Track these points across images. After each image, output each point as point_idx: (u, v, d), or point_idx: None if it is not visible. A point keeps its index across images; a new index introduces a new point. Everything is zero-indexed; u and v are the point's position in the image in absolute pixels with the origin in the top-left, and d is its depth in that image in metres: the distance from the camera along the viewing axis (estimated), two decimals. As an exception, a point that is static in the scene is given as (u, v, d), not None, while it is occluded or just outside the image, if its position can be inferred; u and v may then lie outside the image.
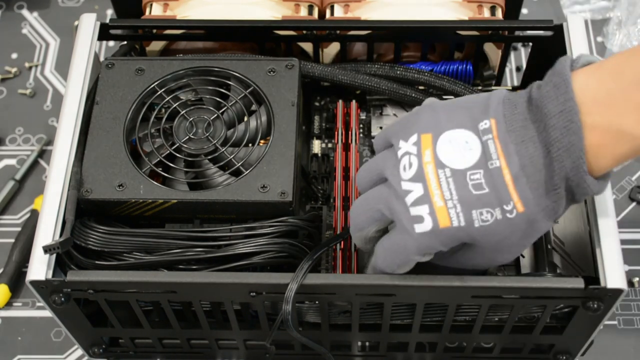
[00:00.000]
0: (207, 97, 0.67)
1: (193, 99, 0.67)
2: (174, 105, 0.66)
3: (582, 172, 0.51)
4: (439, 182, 0.53)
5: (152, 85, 0.66)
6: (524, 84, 0.77)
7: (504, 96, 0.55)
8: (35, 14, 0.96)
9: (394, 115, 0.74)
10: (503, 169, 0.52)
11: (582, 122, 0.51)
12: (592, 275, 0.60)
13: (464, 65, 0.75)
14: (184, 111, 0.66)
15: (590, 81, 0.52)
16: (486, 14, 0.74)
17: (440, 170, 0.53)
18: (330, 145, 0.75)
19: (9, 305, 0.78)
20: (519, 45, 0.91)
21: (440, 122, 0.55)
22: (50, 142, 0.86)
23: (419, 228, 0.54)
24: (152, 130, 0.65)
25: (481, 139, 0.54)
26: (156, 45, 0.75)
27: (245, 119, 0.66)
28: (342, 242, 0.67)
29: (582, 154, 0.51)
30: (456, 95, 0.71)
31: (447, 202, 0.53)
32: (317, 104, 0.77)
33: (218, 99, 0.67)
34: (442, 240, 0.54)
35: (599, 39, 0.91)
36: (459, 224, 0.53)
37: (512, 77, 0.89)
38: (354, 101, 0.74)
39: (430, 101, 0.58)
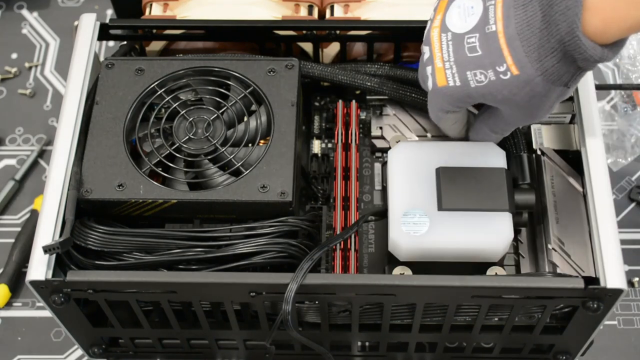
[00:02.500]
0: (207, 97, 0.67)
1: (193, 99, 0.67)
2: (174, 105, 0.66)
3: (577, 37, 0.52)
4: (440, 45, 0.59)
5: (152, 85, 0.66)
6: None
7: None
8: (35, 14, 0.96)
9: (394, 115, 0.74)
10: (498, 33, 0.55)
11: None
12: (592, 275, 0.60)
13: (464, 65, 0.75)
14: (183, 111, 0.66)
15: None
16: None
17: (443, 34, 0.59)
18: (330, 145, 0.75)
19: (9, 305, 0.78)
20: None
21: None
22: (50, 142, 0.86)
23: (427, 86, 0.61)
24: (152, 130, 0.65)
25: (485, 4, 0.56)
26: (156, 45, 0.75)
27: (245, 119, 0.66)
28: (342, 242, 0.67)
29: (576, 18, 0.52)
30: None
31: (445, 63, 0.58)
32: (317, 104, 0.77)
33: (218, 99, 0.67)
34: (446, 98, 0.60)
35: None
36: (454, 84, 0.58)
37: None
38: (354, 101, 0.74)
39: None
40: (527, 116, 0.60)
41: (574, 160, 0.68)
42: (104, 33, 0.72)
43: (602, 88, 0.78)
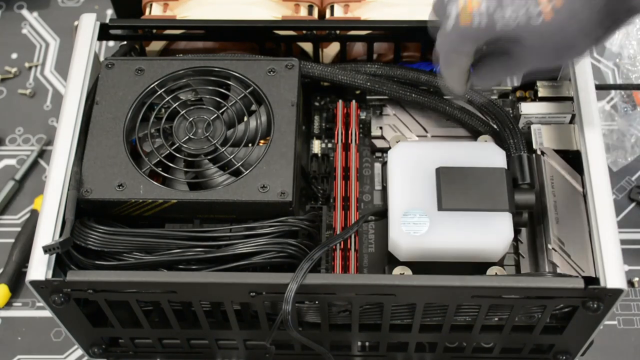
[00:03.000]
0: (207, 97, 0.67)
1: (193, 99, 0.67)
2: (174, 105, 0.66)
3: None
4: None
5: (152, 85, 0.66)
6: (524, 84, 0.77)
7: None
8: (35, 14, 0.96)
9: (394, 115, 0.74)
10: None
11: None
12: (592, 275, 0.60)
13: (464, 65, 0.75)
14: (183, 111, 0.66)
15: None
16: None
17: None
18: (330, 145, 0.75)
19: (9, 305, 0.78)
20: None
21: None
22: (50, 142, 0.86)
23: (445, 24, 0.55)
24: (152, 130, 0.65)
25: None
26: (156, 45, 0.75)
27: (245, 119, 0.66)
28: (342, 242, 0.67)
29: None
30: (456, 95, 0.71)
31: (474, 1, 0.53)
32: (317, 104, 0.77)
33: (218, 99, 0.67)
34: (467, 38, 0.55)
35: (599, 39, 0.91)
36: (479, 24, 0.53)
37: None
38: (354, 101, 0.74)
39: None
40: (546, 63, 0.56)
41: (574, 160, 0.68)
42: (104, 33, 0.72)
43: (602, 88, 0.78)
